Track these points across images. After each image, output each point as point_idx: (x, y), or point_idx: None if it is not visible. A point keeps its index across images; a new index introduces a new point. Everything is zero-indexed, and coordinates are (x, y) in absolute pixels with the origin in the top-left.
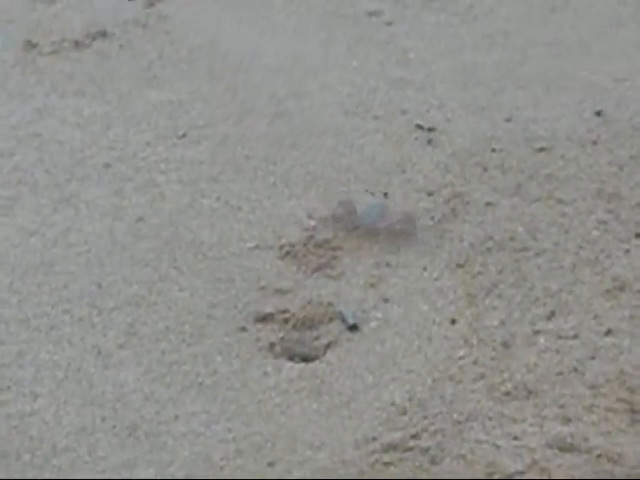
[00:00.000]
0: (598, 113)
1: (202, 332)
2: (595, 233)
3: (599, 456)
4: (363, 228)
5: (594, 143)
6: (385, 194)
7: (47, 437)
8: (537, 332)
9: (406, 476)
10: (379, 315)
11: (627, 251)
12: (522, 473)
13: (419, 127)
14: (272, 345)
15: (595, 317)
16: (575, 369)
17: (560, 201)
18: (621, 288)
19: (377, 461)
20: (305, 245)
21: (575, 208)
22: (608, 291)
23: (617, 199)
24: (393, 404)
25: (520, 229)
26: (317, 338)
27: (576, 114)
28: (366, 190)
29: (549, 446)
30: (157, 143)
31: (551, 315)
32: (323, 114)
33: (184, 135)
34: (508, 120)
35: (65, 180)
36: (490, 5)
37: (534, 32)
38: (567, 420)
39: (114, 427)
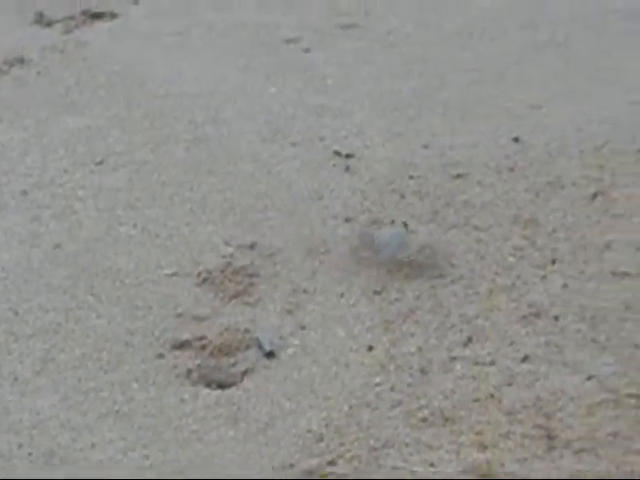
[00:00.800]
0: (515, 139)
1: (119, 359)
2: (511, 259)
3: None
4: (383, 259)
5: (511, 170)
6: (405, 224)
7: None
8: (454, 358)
9: None
10: (296, 342)
11: (543, 277)
12: None
13: (337, 154)
14: (189, 372)
15: (511, 343)
16: (491, 395)
17: (476, 227)
18: (537, 314)
19: None
20: (222, 272)
21: (491, 234)
22: (524, 317)
23: (533, 225)
24: (310, 431)
25: (437, 255)
26: (234, 365)
27: (493, 140)
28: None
29: (465, 473)
30: (75, 170)
31: (467, 341)
32: (241, 141)
33: (101, 162)
34: (425, 147)
35: None
36: (408, 32)
37: (451, 59)
38: (483, 447)
39: (30, 454)
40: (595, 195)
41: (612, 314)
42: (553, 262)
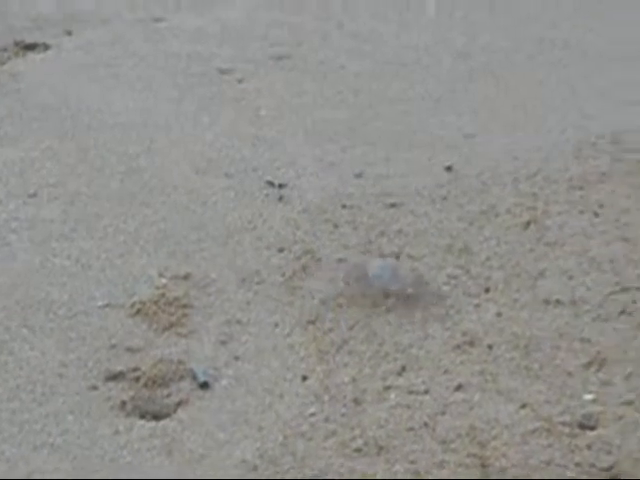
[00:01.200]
0: (448, 168)
1: (53, 391)
2: (445, 288)
3: None
4: (375, 290)
5: (444, 198)
6: (397, 257)
7: None
8: (388, 388)
9: None
10: (230, 373)
11: (477, 306)
12: None
13: (270, 184)
14: (123, 403)
15: (445, 372)
16: (426, 424)
17: (410, 257)
18: (471, 343)
19: None
20: (156, 303)
21: (425, 264)
22: (458, 346)
23: (467, 254)
24: (244, 461)
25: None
26: (168, 396)
27: (426, 169)
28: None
29: None
30: (8, 201)
31: (402, 370)
32: (174, 172)
33: (35, 194)
34: (359, 176)
35: None
36: (340, 62)
37: (384, 88)
38: (418, 475)
39: None
40: (528, 223)
41: (545, 342)
42: (487, 290)
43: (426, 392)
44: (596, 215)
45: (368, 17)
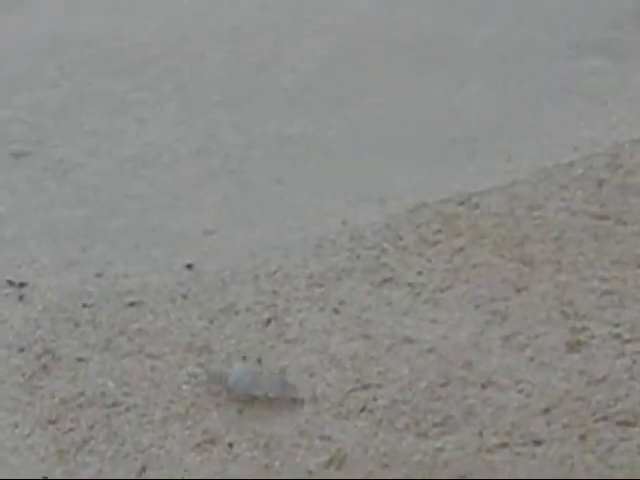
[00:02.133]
0: (188, 266)
1: None
2: (185, 387)
3: None
4: (237, 395)
5: (184, 297)
6: (259, 360)
7: None
8: None
9: None
10: None
11: (218, 405)
12: None
13: (10, 283)
14: None
15: (185, 471)
16: None
17: (150, 355)
18: (212, 441)
19: None
20: None
21: (166, 362)
22: (199, 445)
23: (207, 352)
24: None
25: (110, 384)
26: None
27: (166, 268)
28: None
29: None
30: None
31: (142, 470)
32: None
33: None
34: (99, 275)
35: None
36: (80, 160)
37: (124, 186)
38: None
39: None
40: (269, 321)
41: (286, 440)
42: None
43: None
44: (336, 312)
45: (107, 114)
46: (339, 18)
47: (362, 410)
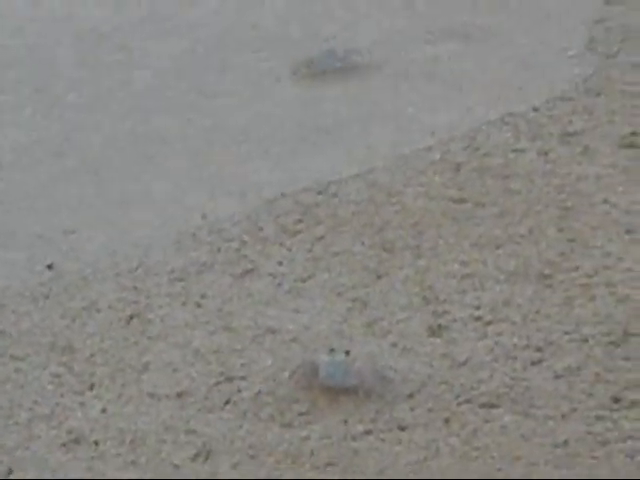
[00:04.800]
0: (49, 266)
1: None
2: (50, 387)
3: None
4: (326, 387)
5: (46, 297)
6: (347, 352)
7: None
8: None
9: None
10: None
11: (82, 403)
12: None
13: None
14: None
15: (53, 471)
16: None
17: (14, 357)
18: (77, 440)
19: None
20: None
21: (29, 363)
22: (64, 444)
23: (70, 352)
24: None
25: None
26: None
27: (27, 269)
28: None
29: None
30: None
31: (9, 473)
32: None
33: None
34: None
35: None
36: None
37: None
38: None
39: None
40: (131, 317)
41: (151, 436)
42: (91, 387)
43: None
44: (198, 306)
45: None
46: (191, 18)
47: (227, 403)
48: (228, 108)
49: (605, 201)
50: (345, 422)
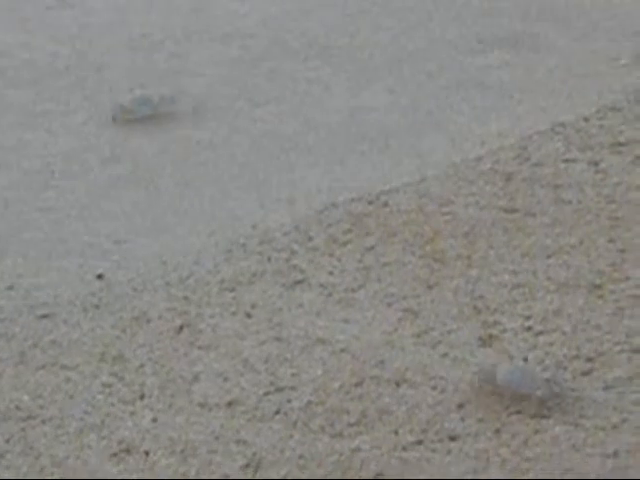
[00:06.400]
0: (99, 276)
1: None
2: (100, 397)
3: None
4: (507, 394)
5: (96, 307)
6: (525, 359)
7: None
8: None
9: None
10: None
11: (132, 413)
12: None
13: None
14: None
15: None
16: None
17: (64, 367)
18: (127, 451)
19: None
20: None
21: (80, 373)
22: (115, 455)
23: (121, 361)
24: None
25: (25, 397)
26: None
27: (78, 278)
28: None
29: None
30: None
31: None
32: None
33: None
34: (10, 288)
35: None
36: None
37: (33, 198)
38: None
39: None
40: (181, 327)
41: (202, 446)
42: (142, 397)
43: None
44: (248, 316)
45: (15, 126)
46: (243, 25)
47: (276, 412)
48: (280, 116)
49: None
50: (396, 432)
